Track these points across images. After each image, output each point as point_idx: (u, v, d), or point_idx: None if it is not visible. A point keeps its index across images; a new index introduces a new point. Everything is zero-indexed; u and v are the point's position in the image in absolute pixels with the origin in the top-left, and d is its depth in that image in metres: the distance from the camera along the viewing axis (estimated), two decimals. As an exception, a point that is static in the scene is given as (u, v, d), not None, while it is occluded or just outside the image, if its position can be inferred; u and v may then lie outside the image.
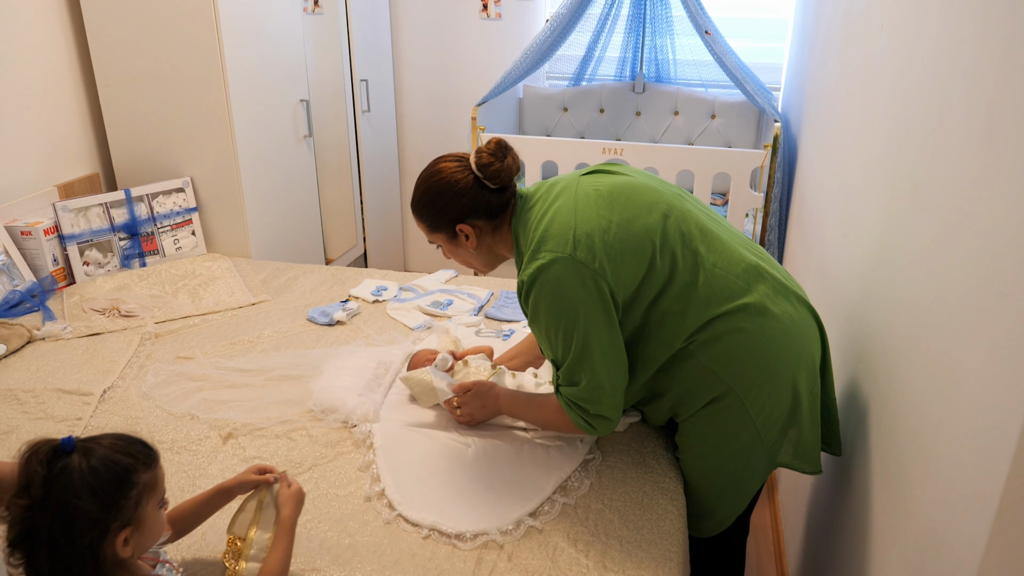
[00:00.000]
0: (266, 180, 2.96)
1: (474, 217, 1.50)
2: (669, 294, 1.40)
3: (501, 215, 1.52)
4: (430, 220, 1.53)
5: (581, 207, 1.41)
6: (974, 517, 0.85)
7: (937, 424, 1.03)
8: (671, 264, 1.40)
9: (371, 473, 1.57)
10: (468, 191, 1.47)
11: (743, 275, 1.43)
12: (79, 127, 2.78)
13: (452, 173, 1.48)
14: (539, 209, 1.46)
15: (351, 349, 2.09)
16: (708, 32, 3.19)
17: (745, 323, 1.40)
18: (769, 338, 1.41)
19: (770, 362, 1.41)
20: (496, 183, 1.48)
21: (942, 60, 1.17)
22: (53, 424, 1.76)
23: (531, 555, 1.37)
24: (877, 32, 1.66)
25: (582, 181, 1.47)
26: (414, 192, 1.54)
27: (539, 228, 1.42)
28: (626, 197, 1.43)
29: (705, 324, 1.40)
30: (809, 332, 1.46)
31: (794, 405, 1.44)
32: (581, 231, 1.37)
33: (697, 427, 1.51)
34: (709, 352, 1.41)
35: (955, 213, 1.03)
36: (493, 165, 1.46)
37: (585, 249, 1.36)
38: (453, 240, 1.54)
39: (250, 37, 2.78)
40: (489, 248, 1.56)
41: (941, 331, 1.05)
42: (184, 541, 1.37)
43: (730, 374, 1.41)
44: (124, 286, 2.55)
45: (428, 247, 4.44)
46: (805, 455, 1.48)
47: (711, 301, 1.40)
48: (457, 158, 1.51)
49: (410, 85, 4.13)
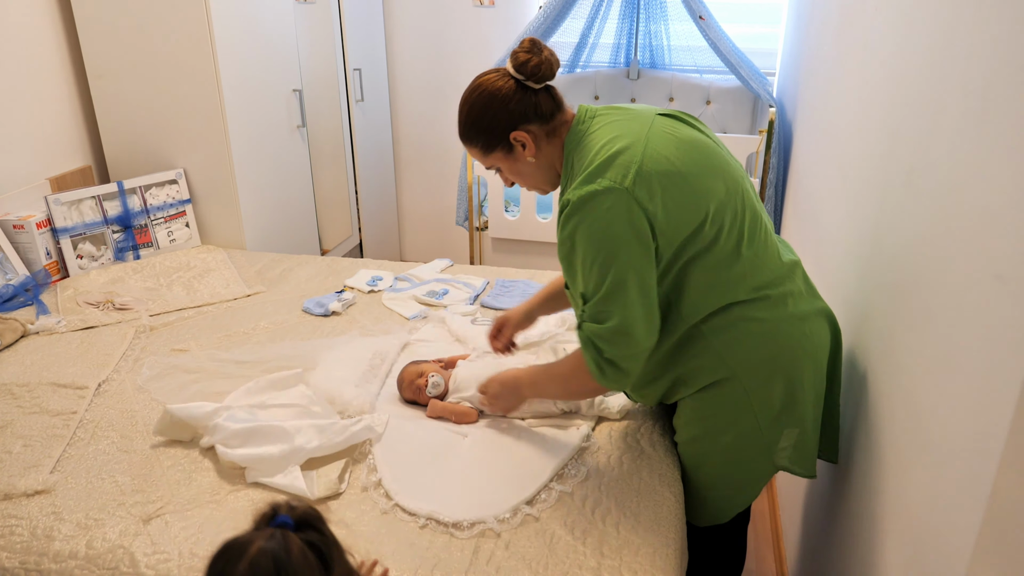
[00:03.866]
0: (260, 171, 2.94)
1: (526, 122, 1.41)
2: (703, 265, 1.36)
3: (553, 120, 1.44)
4: (483, 138, 1.44)
5: (652, 145, 1.33)
6: (968, 502, 0.85)
7: (933, 408, 1.02)
8: (715, 236, 1.35)
9: (368, 463, 1.57)
10: (513, 95, 1.40)
11: (776, 269, 1.41)
12: (70, 120, 2.76)
13: (492, 83, 1.41)
14: (605, 133, 1.37)
15: (347, 340, 2.08)
16: (702, 17, 3.17)
17: (762, 313, 1.38)
18: (782, 332, 1.39)
19: (779, 356, 1.40)
20: (538, 80, 1.41)
21: (938, 44, 1.16)
22: (48, 418, 1.75)
23: (528, 543, 1.37)
24: (872, 15, 1.64)
25: (658, 120, 1.40)
26: (459, 117, 1.47)
27: (601, 152, 1.33)
28: (698, 152, 1.37)
29: (725, 307, 1.38)
30: (821, 336, 1.44)
31: (796, 403, 1.42)
32: (646, 168, 1.30)
33: (695, 408, 1.50)
34: (721, 337, 1.39)
35: (952, 197, 1.02)
36: (531, 61, 1.39)
37: (644, 188, 1.29)
38: (510, 155, 1.45)
39: (242, 27, 2.76)
40: (548, 158, 1.46)
41: (938, 315, 1.04)
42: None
43: (737, 362, 1.40)
44: (118, 279, 2.54)
45: (424, 237, 4.43)
46: (802, 458, 1.46)
47: (737, 287, 1.37)
48: (493, 70, 1.45)
49: (404, 74, 4.11)
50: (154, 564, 1.33)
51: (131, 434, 1.70)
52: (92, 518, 1.44)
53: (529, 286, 2.45)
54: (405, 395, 1.79)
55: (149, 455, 1.62)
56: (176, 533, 1.39)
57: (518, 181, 1.52)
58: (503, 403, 1.67)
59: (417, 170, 4.32)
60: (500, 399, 1.66)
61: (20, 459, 1.61)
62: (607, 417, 1.72)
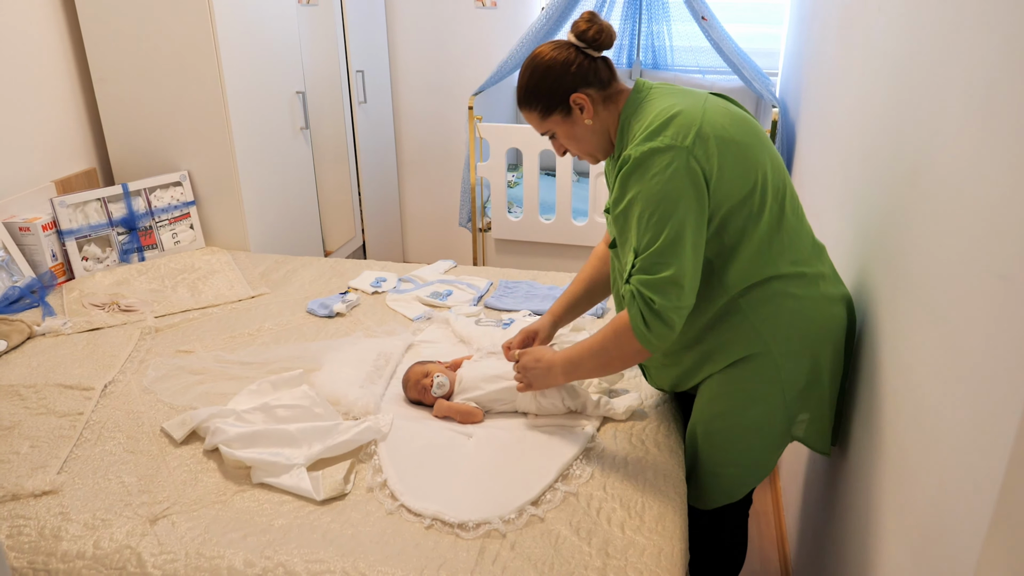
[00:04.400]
0: (263, 173, 2.95)
1: (586, 86, 1.47)
2: (749, 234, 1.41)
3: (609, 88, 1.50)
4: (544, 100, 1.49)
5: (710, 113, 1.40)
6: (976, 500, 0.85)
7: (938, 407, 1.03)
8: (760, 206, 1.41)
9: (373, 464, 1.57)
10: (574, 60, 1.47)
11: (811, 248, 1.49)
12: (75, 122, 2.77)
13: (553, 51, 1.48)
14: (662, 102, 1.43)
15: (351, 341, 2.09)
16: (705, 18, 3.17)
17: (797, 289, 1.44)
18: (814, 309, 1.45)
19: (809, 332, 1.46)
20: (598, 46, 1.47)
21: (942, 43, 1.16)
22: (55, 419, 1.76)
23: (534, 543, 1.37)
24: (875, 15, 1.65)
25: (711, 96, 1.48)
26: (519, 83, 1.52)
27: (661, 115, 1.39)
28: (750, 127, 1.44)
29: (764, 280, 1.43)
30: (839, 319, 1.49)
31: (819, 381, 1.48)
32: (705, 131, 1.36)
33: (722, 385, 1.52)
34: (758, 311, 1.44)
35: (955, 196, 1.03)
36: (591, 29, 1.46)
37: (703, 148, 1.35)
38: (568, 119, 1.50)
39: (245, 29, 2.77)
40: (603, 124, 1.52)
41: (941, 314, 1.04)
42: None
43: (772, 336, 1.45)
44: (123, 281, 2.55)
45: (427, 238, 4.44)
46: (819, 434, 1.52)
47: (779, 259, 1.43)
48: (551, 42, 1.52)
49: (406, 75, 4.11)
50: (161, 564, 1.34)
51: (137, 435, 1.71)
52: (99, 518, 1.44)
53: (533, 287, 2.45)
54: (410, 395, 1.80)
55: (155, 456, 1.63)
56: (183, 533, 1.40)
57: (571, 147, 1.57)
58: (531, 377, 1.65)
59: (420, 171, 4.33)
60: (529, 372, 1.65)
61: (27, 460, 1.62)
62: (612, 418, 1.72)
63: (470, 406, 1.72)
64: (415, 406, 1.80)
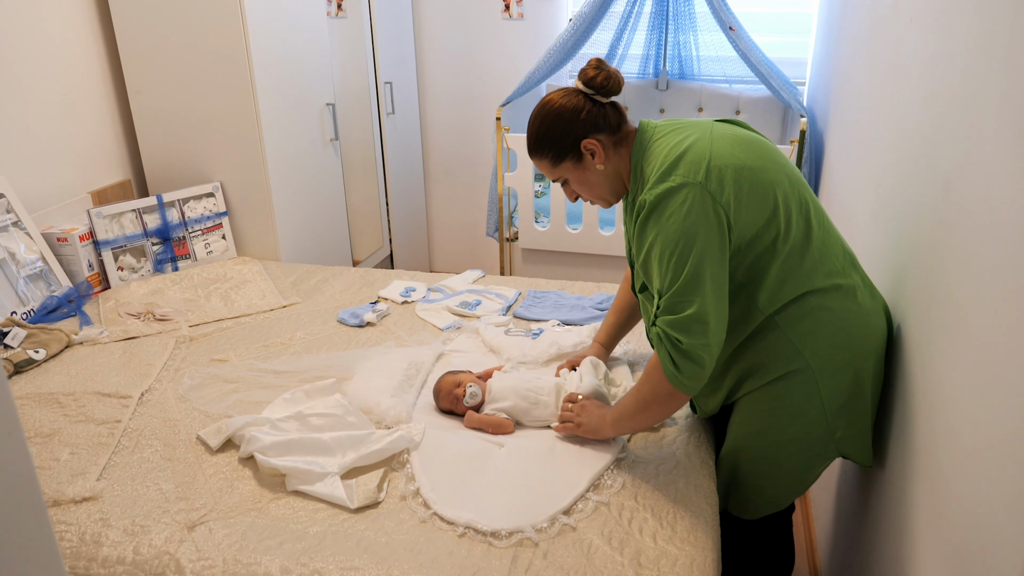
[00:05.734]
0: (294, 183, 2.99)
1: (596, 132, 1.49)
2: (777, 255, 1.41)
3: (619, 132, 1.51)
4: (554, 147, 1.51)
5: (717, 143, 1.40)
6: (1017, 516, 0.85)
7: (975, 421, 1.02)
8: (785, 226, 1.40)
9: (406, 472, 1.59)
10: (584, 107, 1.48)
11: (842, 258, 1.47)
12: (111, 134, 2.83)
13: (562, 99, 1.50)
14: (669, 140, 1.44)
15: (382, 350, 2.11)
16: (732, 28, 3.17)
17: (834, 303, 1.43)
18: (853, 323, 1.44)
19: (850, 346, 1.44)
20: (606, 94, 1.49)
21: (975, 54, 1.16)
22: (93, 427, 1.80)
23: (566, 553, 1.38)
24: (906, 26, 1.64)
25: (717, 124, 1.48)
26: (529, 131, 1.54)
27: (671, 154, 1.40)
28: (761, 148, 1.45)
29: (799, 296, 1.42)
30: (879, 331, 1.48)
31: (861, 394, 1.46)
32: (715, 163, 1.37)
33: (762, 402, 1.51)
34: (796, 327, 1.43)
35: (990, 209, 1.02)
36: (600, 76, 1.47)
37: (716, 181, 1.35)
38: (580, 164, 1.52)
39: (277, 42, 2.81)
40: (615, 168, 1.53)
41: (976, 327, 1.04)
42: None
43: (811, 352, 1.43)
44: (158, 290, 2.60)
45: (454, 247, 4.46)
46: (862, 447, 1.51)
47: (812, 275, 1.42)
48: (560, 89, 1.53)
49: (434, 87, 4.15)
50: (199, 570, 1.36)
51: (174, 442, 1.74)
52: (138, 524, 1.47)
53: (561, 296, 2.46)
54: (442, 405, 1.81)
55: (192, 463, 1.66)
56: (220, 540, 1.42)
57: (584, 192, 1.58)
58: (583, 424, 1.65)
59: (447, 181, 4.36)
60: (582, 422, 1.64)
61: (68, 466, 1.65)
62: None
63: (501, 417, 1.73)
64: (446, 415, 1.81)
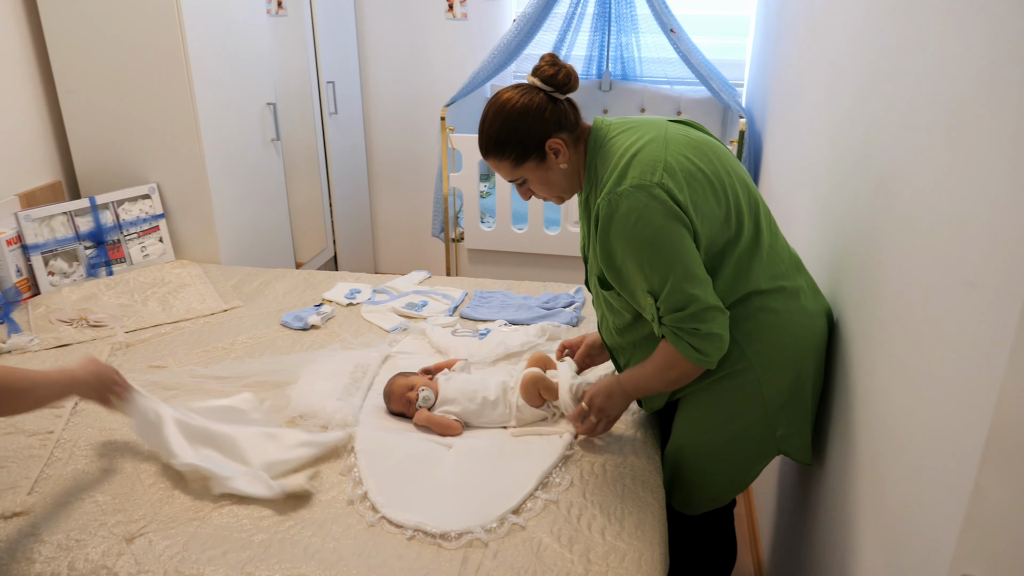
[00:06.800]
0: (234, 184, 2.92)
1: (559, 130, 1.45)
2: (727, 259, 1.42)
3: (577, 129, 1.49)
4: (517, 149, 1.46)
5: (672, 146, 1.40)
6: (948, 502, 0.88)
7: (908, 411, 1.05)
8: (737, 229, 1.41)
9: (353, 476, 1.57)
10: (546, 105, 1.44)
11: (788, 261, 1.50)
12: (40, 135, 2.72)
13: (521, 97, 1.44)
14: (626, 139, 1.43)
15: (327, 353, 2.08)
16: (673, 30, 3.22)
17: (777, 304, 1.45)
18: (795, 324, 1.46)
19: (791, 346, 1.46)
20: (566, 90, 1.45)
21: (906, 56, 1.20)
22: (24, 438, 1.72)
23: (516, 552, 1.38)
24: (839, 30, 1.69)
25: (671, 126, 1.47)
26: (486, 132, 1.47)
27: (625, 156, 1.39)
28: (713, 152, 1.44)
29: (744, 297, 1.43)
30: (820, 332, 1.50)
31: (801, 394, 1.49)
32: (671, 164, 1.36)
33: (706, 400, 1.53)
34: (740, 328, 1.44)
35: (921, 205, 1.06)
36: (559, 73, 1.44)
37: (672, 180, 1.34)
38: (543, 164, 1.47)
39: (214, 39, 2.75)
40: (575, 166, 1.50)
41: (910, 320, 1.07)
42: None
43: (755, 351, 1.45)
44: (91, 296, 2.51)
45: (399, 248, 4.43)
46: (801, 446, 1.53)
47: (759, 275, 1.44)
48: (513, 86, 1.48)
49: (377, 86, 4.11)
50: (139, 583, 1.32)
51: (110, 453, 1.68)
52: (73, 539, 1.42)
53: (508, 296, 2.46)
54: (393, 407, 1.79)
55: (129, 473, 1.61)
56: (160, 552, 1.38)
57: (542, 191, 1.54)
58: (614, 410, 1.61)
59: (391, 182, 4.32)
60: (607, 409, 1.60)
61: (-3, 480, 1.58)
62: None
63: (450, 419, 1.72)
64: (396, 417, 1.80)
